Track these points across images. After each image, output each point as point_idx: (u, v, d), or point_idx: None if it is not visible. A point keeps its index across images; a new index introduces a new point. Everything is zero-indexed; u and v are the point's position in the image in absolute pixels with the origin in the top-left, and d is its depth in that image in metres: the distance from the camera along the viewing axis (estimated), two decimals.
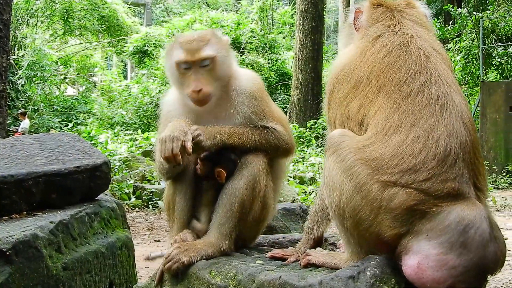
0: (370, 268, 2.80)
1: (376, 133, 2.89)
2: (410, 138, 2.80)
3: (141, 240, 8.64)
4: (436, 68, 3.04)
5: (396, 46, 3.13)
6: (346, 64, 3.23)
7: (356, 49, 3.27)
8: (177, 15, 41.08)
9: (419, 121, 2.84)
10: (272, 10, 33.84)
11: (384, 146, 2.82)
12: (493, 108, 17.89)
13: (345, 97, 3.15)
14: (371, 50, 3.17)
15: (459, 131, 2.83)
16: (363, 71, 3.10)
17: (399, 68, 3.02)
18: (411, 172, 2.74)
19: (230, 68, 3.81)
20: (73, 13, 32.96)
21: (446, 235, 2.69)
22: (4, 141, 4.62)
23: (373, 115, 2.97)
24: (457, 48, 24.92)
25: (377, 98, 2.99)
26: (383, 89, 2.99)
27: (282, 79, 29.34)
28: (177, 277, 3.43)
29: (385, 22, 3.31)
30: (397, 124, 2.85)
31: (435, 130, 2.81)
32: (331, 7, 50.70)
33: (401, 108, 2.89)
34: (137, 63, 33.14)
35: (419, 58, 3.06)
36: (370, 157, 2.81)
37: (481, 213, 2.73)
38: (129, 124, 26.76)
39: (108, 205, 4.30)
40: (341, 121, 3.14)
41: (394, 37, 3.20)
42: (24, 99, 27.61)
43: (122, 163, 13.95)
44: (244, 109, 3.72)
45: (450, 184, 2.74)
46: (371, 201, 2.77)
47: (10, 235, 3.31)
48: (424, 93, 2.92)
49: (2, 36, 8.98)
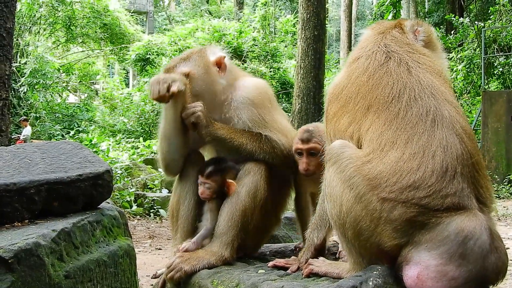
0: (372, 278, 2.80)
1: (373, 150, 2.92)
2: (406, 154, 2.82)
3: (142, 248, 8.64)
4: (419, 81, 3.09)
5: (377, 68, 3.23)
6: (337, 84, 3.38)
7: (344, 72, 3.44)
8: (179, 23, 41.17)
9: (412, 138, 2.86)
10: (274, 18, 33.87)
11: (383, 162, 2.84)
12: (495, 118, 17.87)
13: (335, 114, 3.26)
14: (355, 73, 3.30)
15: (453, 145, 2.85)
16: (351, 92, 3.22)
17: (383, 88, 3.10)
18: (411, 189, 2.75)
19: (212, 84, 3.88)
20: (76, 20, 33.02)
21: (445, 246, 2.70)
22: (6, 149, 4.62)
23: (366, 131, 3.02)
24: (459, 57, 24.95)
25: (367, 116, 3.06)
26: (372, 108, 3.06)
27: (284, 87, 29.35)
28: (179, 286, 3.43)
29: (364, 44, 3.47)
30: (392, 141, 2.89)
31: (429, 147, 2.83)
32: (333, 16, 50.89)
33: (393, 126, 2.94)
34: (139, 71, 33.16)
35: (399, 76, 3.13)
36: (370, 175, 2.83)
37: (481, 224, 2.73)
38: (130, 132, 26.76)
39: (110, 213, 4.29)
40: (334, 135, 3.23)
41: (372, 58, 3.30)
42: (26, 106, 27.65)
43: (124, 171, 13.96)
44: (239, 114, 3.75)
45: (450, 199, 2.75)
46: (371, 212, 2.79)
47: (12, 243, 3.30)
48: (413, 110, 2.95)
49: (6, 44, 8.98)
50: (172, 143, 3.79)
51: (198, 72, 3.82)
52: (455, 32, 26.58)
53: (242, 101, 3.77)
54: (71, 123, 28.92)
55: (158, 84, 3.55)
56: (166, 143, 3.80)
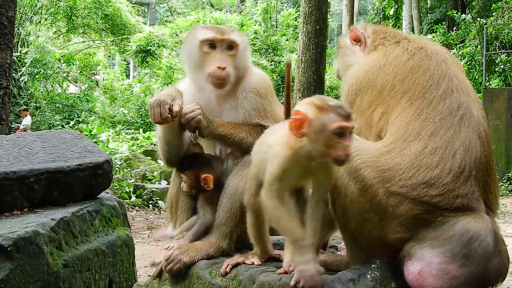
0: (370, 271, 2.81)
1: (396, 139, 2.85)
2: (428, 148, 2.77)
3: (140, 239, 8.65)
4: (455, 75, 3.01)
5: (417, 49, 3.12)
6: (369, 70, 3.18)
7: (377, 54, 3.26)
8: (181, 15, 41.04)
9: (439, 131, 2.81)
10: (276, 12, 33.81)
11: (402, 154, 2.78)
12: (495, 115, 17.85)
13: (370, 105, 3.11)
14: (394, 52, 3.16)
15: (475, 147, 2.81)
16: (388, 75, 3.07)
17: (423, 72, 2.99)
18: (425, 186, 2.72)
19: (246, 63, 3.86)
20: (77, 11, 32.91)
21: (450, 244, 2.69)
22: (7, 138, 4.63)
23: (393, 121, 2.93)
24: (460, 54, 24.91)
25: (399, 103, 2.95)
26: (407, 95, 2.95)
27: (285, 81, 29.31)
28: (177, 276, 3.43)
29: (395, 34, 3.38)
30: (418, 132, 2.82)
31: (453, 144, 2.78)
32: (335, 10, 50.72)
33: (422, 115, 2.86)
34: (139, 63, 33.11)
35: (439, 64, 3.03)
36: (385, 166, 2.78)
37: (487, 226, 2.72)
38: (130, 123, 26.72)
39: (109, 203, 4.30)
40: (367, 129, 3.09)
41: (412, 42, 3.20)
42: (27, 96, 27.58)
43: (123, 162, 13.98)
44: (246, 104, 3.72)
45: (461, 200, 2.73)
46: (376, 205, 2.76)
47: (11, 231, 3.31)
48: (446, 101, 2.89)
49: (7, 33, 8.97)
50: (171, 145, 3.79)
51: (243, 47, 3.82)
52: (457, 28, 26.55)
53: (249, 88, 3.76)
54: (71, 113, 28.84)
55: (159, 107, 3.44)
56: (164, 144, 3.80)
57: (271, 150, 2.88)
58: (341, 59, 3.70)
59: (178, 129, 3.66)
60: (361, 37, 3.50)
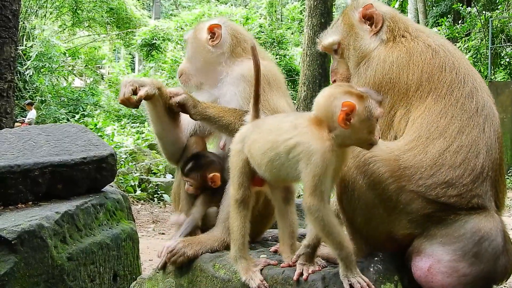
0: (373, 264, 2.81)
1: (418, 136, 2.79)
2: (454, 146, 2.74)
3: (145, 232, 8.67)
4: (477, 73, 2.98)
5: (439, 46, 3.03)
6: (391, 68, 3.01)
7: (398, 50, 3.08)
8: (186, 8, 41.00)
9: (465, 130, 2.77)
10: (281, 5, 33.75)
11: (425, 151, 2.75)
12: (500, 108, 17.76)
13: (392, 107, 2.98)
14: (417, 49, 3.03)
15: (494, 148, 2.81)
16: (413, 74, 2.94)
17: (450, 70, 2.92)
18: (445, 186, 2.69)
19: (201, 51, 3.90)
20: (82, 4, 32.94)
21: (461, 243, 2.68)
22: (11, 131, 4.64)
23: (414, 120, 2.85)
24: (465, 47, 24.78)
25: (424, 102, 2.87)
26: (433, 93, 2.88)
27: (290, 75, 29.28)
28: (181, 269, 3.44)
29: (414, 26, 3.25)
30: (443, 129, 2.77)
31: (477, 144, 2.75)
32: (340, 3, 50.54)
33: (449, 113, 2.81)
34: (145, 56, 33.15)
35: (462, 61, 2.98)
36: (405, 164, 2.73)
37: (497, 226, 2.73)
38: (135, 117, 26.78)
39: (114, 196, 4.31)
40: (386, 130, 2.99)
41: (431, 37, 3.11)
42: (32, 90, 27.63)
43: (128, 155, 14.01)
44: (233, 89, 3.70)
45: (476, 200, 2.72)
46: (386, 200, 2.74)
47: (15, 224, 3.33)
48: (473, 99, 2.85)
49: (12, 26, 8.98)
50: (166, 142, 3.81)
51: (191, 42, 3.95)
52: (462, 21, 26.39)
53: (236, 77, 3.73)
54: (77, 107, 28.90)
55: (124, 87, 3.52)
56: (160, 141, 3.83)
57: (300, 149, 2.62)
58: (342, 35, 3.44)
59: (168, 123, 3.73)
60: (378, 19, 3.23)
